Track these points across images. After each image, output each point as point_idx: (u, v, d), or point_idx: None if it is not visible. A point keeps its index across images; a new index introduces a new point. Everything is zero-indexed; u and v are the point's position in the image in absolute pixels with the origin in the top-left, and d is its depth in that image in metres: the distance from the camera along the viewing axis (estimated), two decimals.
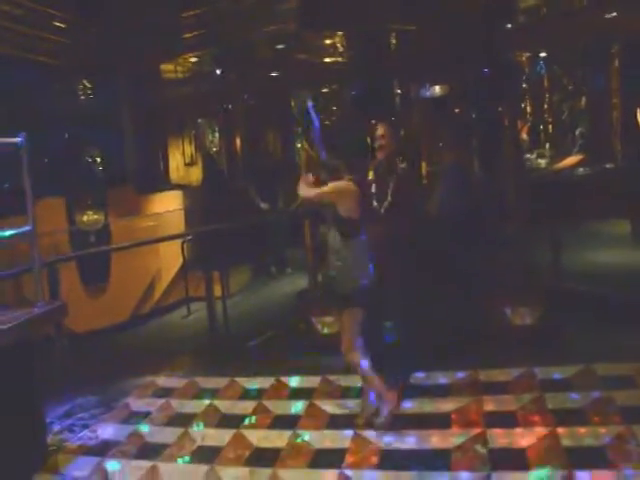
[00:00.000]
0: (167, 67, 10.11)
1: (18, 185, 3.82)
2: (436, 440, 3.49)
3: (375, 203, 4.05)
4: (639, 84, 9.47)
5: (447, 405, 3.90)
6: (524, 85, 12.34)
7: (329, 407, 4.10)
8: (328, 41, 9.53)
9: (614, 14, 8.72)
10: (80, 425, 4.37)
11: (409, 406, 3.94)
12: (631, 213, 7.57)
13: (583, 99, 11.75)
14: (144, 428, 4.16)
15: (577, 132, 11.27)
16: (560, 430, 3.36)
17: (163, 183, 9.94)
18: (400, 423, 3.70)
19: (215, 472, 3.45)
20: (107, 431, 4.23)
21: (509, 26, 8.87)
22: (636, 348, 4.35)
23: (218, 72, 10.02)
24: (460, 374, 4.31)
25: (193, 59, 9.89)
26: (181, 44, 8.82)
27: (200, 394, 4.71)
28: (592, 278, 5.92)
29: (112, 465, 3.70)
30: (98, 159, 8.52)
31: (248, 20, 8.15)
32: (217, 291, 6.36)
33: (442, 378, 4.33)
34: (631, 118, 9.90)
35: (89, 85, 9.98)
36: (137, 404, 4.68)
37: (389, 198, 3.94)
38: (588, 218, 8.08)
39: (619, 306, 5.08)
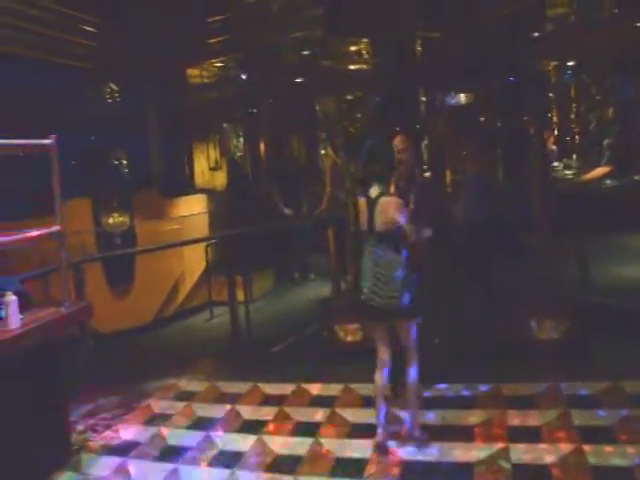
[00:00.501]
0: (193, 72, 10.23)
1: (49, 186, 3.87)
2: (459, 453, 3.45)
3: None
4: None
5: (470, 418, 3.86)
6: (551, 94, 12.21)
7: (350, 416, 4.08)
8: (353, 48, 9.56)
9: None
10: (103, 425, 4.42)
11: (432, 418, 3.91)
12: None
13: (611, 109, 11.59)
14: (165, 430, 4.19)
15: (605, 143, 11.11)
16: (586, 448, 3.29)
17: (188, 187, 10.04)
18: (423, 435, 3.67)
19: (236, 477, 3.45)
20: (129, 432, 4.27)
21: (536, 34, 8.78)
22: None
23: (243, 77, 10.10)
24: (484, 387, 4.26)
25: (219, 64, 9.99)
26: (207, 49, 8.91)
27: (221, 398, 4.73)
28: (620, 292, 5.82)
29: (134, 466, 3.73)
30: (124, 162, 8.64)
31: (274, 26, 8.21)
32: (240, 295, 6.39)
33: (465, 390, 4.29)
34: None
35: (116, 89, 10.12)
36: (159, 406, 4.72)
37: (411, 206, 3.94)
38: (616, 230, 7.93)
39: None
